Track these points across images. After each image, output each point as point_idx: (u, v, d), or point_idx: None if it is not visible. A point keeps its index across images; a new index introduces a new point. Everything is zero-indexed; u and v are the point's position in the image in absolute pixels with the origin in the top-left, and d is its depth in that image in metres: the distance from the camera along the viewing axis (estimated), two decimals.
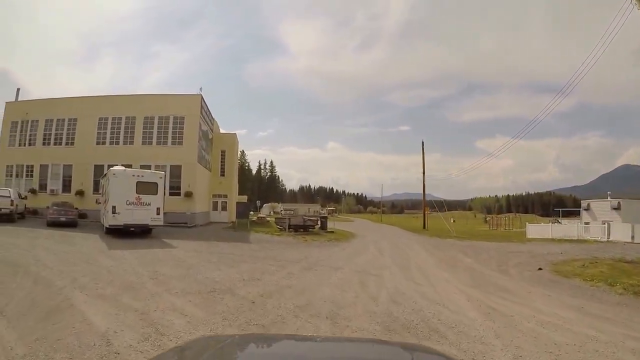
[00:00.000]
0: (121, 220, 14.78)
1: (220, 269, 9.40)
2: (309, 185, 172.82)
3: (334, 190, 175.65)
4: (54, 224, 17.11)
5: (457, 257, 14.00)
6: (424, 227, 31.87)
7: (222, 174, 30.54)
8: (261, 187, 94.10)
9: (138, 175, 15.79)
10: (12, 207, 17.82)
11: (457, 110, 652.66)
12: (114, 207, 14.76)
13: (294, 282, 8.18)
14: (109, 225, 14.89)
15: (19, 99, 26.60)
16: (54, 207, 17.87)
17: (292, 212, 46.13)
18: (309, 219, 22.15)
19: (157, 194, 15.91)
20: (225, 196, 29.56)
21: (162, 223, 16.22)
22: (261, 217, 30.46)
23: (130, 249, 11.75)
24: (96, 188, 21.75)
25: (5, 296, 5.92)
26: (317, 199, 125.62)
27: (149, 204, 15.51)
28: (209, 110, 27.96)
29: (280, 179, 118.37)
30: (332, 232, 21.70)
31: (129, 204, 15.06)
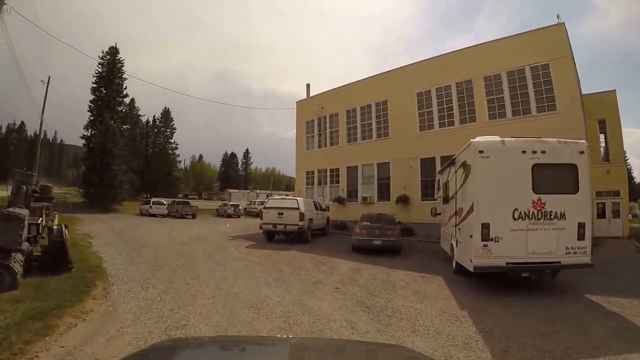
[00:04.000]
0: (501, 253, 6.69)
1: None
2: None
3: None
4: (362, 249, 11.49)
5: None
6: None
7: (606, 158, 18.93)
8: None
9: (533, 152, 6.94)
10: (301, 223, 13.48)
11: None
12: (485, 227, 6.79)
13: None
14: (477, 266, 6.87)
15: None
16: (364, 224, 12.29)
17: None
18: None
19: (577, 191, 6.87)
20: (617, 193, 18.55)
21: (589, 260, 6.80)
22: None
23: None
24: (426, 192, 15.42)
25: None
26: None
27: (563, 216, 6.76)
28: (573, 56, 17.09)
29: (631, 170, 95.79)
30: None
31: (520, 217, 6.73)
